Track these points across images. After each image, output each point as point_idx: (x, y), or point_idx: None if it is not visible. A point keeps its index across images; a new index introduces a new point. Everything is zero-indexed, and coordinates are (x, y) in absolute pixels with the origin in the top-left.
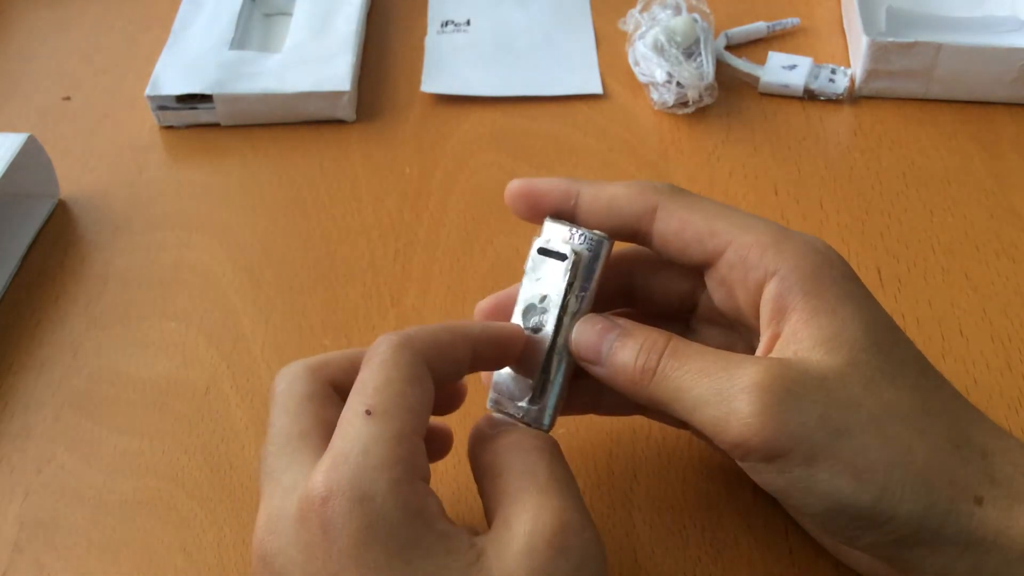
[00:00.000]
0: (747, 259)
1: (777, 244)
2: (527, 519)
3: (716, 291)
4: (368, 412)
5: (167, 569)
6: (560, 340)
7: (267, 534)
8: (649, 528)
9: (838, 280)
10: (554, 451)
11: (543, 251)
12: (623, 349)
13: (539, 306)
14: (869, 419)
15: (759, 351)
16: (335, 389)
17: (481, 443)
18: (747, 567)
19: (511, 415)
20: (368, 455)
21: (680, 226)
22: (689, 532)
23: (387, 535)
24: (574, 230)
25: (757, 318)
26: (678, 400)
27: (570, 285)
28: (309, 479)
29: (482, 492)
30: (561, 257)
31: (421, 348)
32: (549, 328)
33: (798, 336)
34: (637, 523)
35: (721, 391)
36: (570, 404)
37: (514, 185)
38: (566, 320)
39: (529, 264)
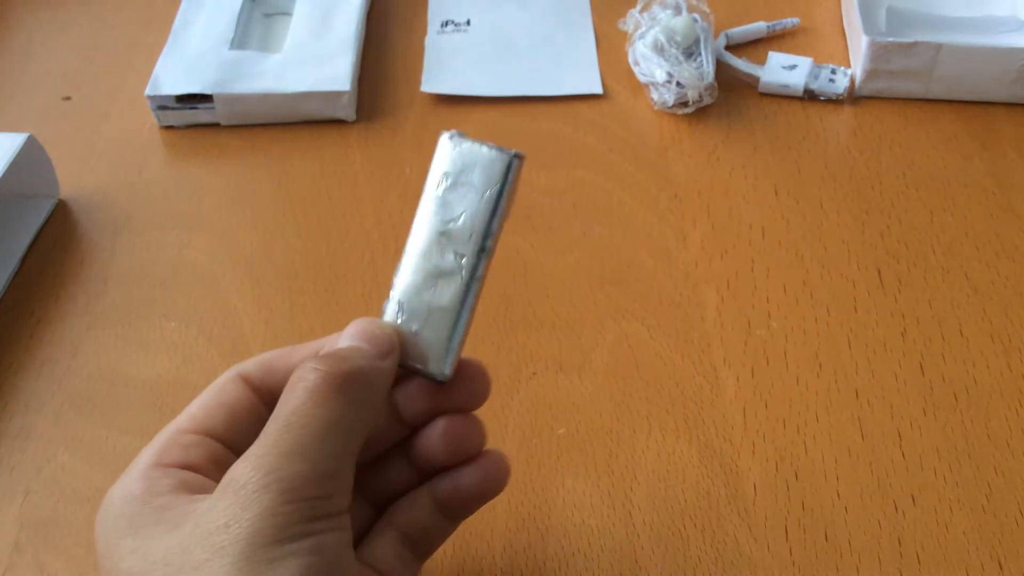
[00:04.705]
0: None
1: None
2: (235, 500)
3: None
4: None
5: None
6: (478, 272)
7: None
8: (649, 528)
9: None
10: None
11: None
12: None
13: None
14: None
15: None
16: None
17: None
18: (747, 567)
19: (410, 364)
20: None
21: None
22: (689, 532)
23: (111, 520)
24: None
25: None
26: None
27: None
28: None
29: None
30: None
31: (242, 367)
32: (467, 258)
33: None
34: (637, 523)
35: None
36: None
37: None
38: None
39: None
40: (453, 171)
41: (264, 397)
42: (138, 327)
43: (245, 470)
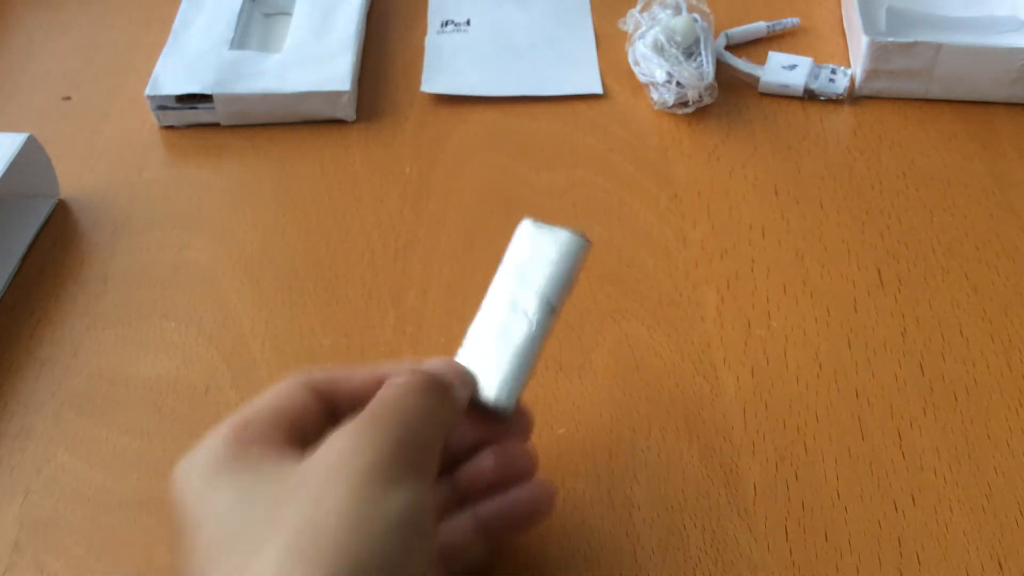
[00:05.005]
0: None
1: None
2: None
3: None
4: None
5: (167, 569)
6: (545, 327)
7: None
8: (649, 528)
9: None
10: (432, 418)
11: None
12: None
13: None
14: None
15: None
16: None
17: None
18: (747, 567)
19: (478, 399)
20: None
21: None
22: (689, 532)
23: (199, 469)
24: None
25: None
26: None
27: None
28: None
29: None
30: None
31: (310, 376)
32: (534, 315)
33: None
34: (637, 523)
35: None
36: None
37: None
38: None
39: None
40: (531, 247)
41: (325, 408)
42: (138, 327)
43: (357, 424)
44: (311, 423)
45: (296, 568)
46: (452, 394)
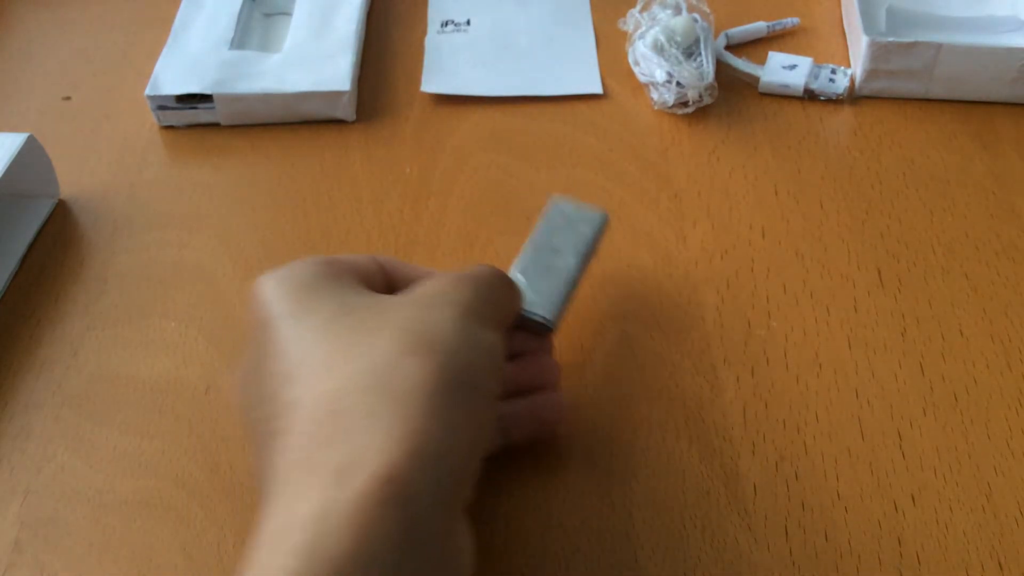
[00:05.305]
0: None
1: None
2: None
3: None
4: None
5: (167, 569)
6: (583, 264)
7: None
8: (649, 528)
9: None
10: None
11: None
12: None
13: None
14: None
15: None
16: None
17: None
18: (747, 567)
19: (527, 311)
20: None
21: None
22: (689, 532)
23: (294, 278)
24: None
25: None
26: None
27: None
28: None
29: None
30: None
31: (379, 257)
32: (572, 259)
33: None
34: (637, 523)
35: None
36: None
37: None
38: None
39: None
40: (564, 219)
41: (387, 285)
42: (138, 327)
43: (451, 275)
44: (378, 289)
45: (404, 358)
46: (517, 291)
